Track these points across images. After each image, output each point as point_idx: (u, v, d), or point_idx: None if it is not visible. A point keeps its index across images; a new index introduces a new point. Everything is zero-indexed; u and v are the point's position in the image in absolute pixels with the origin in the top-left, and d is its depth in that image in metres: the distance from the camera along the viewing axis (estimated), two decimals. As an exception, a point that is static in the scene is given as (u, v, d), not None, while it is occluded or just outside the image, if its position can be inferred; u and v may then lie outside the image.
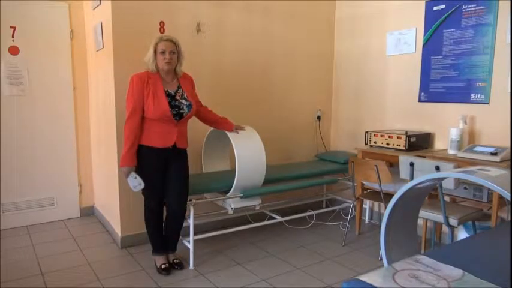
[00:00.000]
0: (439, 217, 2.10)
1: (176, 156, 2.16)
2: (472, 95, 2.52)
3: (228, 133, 2.42)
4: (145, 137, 2.08)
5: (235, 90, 2.99)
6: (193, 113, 2.20)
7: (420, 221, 2.49)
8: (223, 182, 2.48)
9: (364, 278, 0.98)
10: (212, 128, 2.59)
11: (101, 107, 2.86)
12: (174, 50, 2.08)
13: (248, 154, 2.39)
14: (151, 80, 2.05)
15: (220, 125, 2.41)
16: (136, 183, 2.07)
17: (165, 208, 2.24)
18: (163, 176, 2.15)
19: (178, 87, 2.17)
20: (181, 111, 2.12)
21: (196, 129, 2.59)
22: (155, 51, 2.06)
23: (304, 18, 3.27)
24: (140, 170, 2.09)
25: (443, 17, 2.64)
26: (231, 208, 2.44)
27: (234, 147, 2.36)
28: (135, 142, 2.03)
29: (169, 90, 2.11)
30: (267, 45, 3.09)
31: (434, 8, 2.66)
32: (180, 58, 2.13)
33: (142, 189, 2.12)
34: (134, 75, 2.08)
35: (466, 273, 1.02)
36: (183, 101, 2.14)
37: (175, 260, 2.30)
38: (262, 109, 3.15)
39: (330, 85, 3.55)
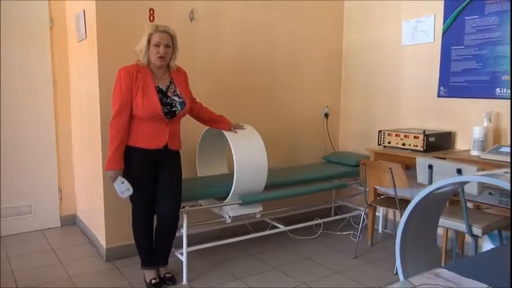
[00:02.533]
0: (461, 226, 2.10)
1: (168, 158, 2.17)
2: (497, 89, 2.53)
3: (225, 133, 2.42)
4: (134, 138, 2.08)
5: (233, 85, 3.00)
6: (186, 111, 2.21)
7: (440, 231, 2.48)
8: (220, 187, 2.48)
9: (377, 294, 0.98)
10: (208, 127, 2.59)
11: (84, 104, 2.86)
12: (170, 44, 2.08)
13: (248, 156, 2.40)
14: (140, 74, 2.05)
15: (216, 124, 2.41)
16: (123, 188, 2.08)
17: (155, 216, 2.25)
18: (154, 180, 2.16)
19: (170, 83, 2.17)
20: (174, 109, 2.13)
21: (190, 129, 2.60)
22: (148, 42, 2.06)
23: (310, 8, 3.27)
24: (128, 174, 2.09)
25: (465, 2, 2.64)
26: (229, 216, 2.45)
27: (232, 149, 2.36)
28: (122, 143, 2.04)
29: (161, 86, 2.12)
30: (269, 37, 3.11)
31: (455, -7, 2.70)
32: (174, 51, 2.13)
33: (130, 196, 2.13)
34: (121, 68, 2.09)
35: (491, 288, 1.02)
36: (176, 98, 2.14)
37: (166, 275, 2.29)
38: (263, 106, 3.16)
39: (339, 80, 3.56)
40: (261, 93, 3.14)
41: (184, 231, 2.30)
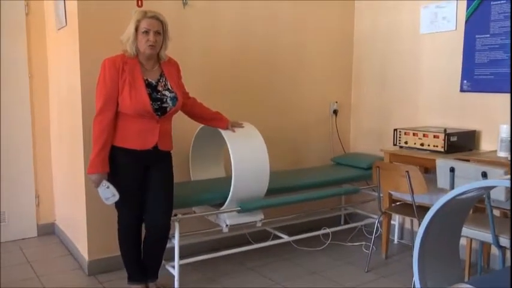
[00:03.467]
0: (486, 236, 2.10)
1: (158, 160, 2.18)
2: (527, 83, 2.52)
3: (222, 131, 2.42)
4: (120, 137, 2.09)
5: (231, 80, 3.00)
6: (178, 107, 2.21)
7: (463, 241, 2.47)
8: (216, 193, 2.49)
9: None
10: (202, 125, 2.60)
11: (64, 100, 2.86)
12: (160, 30, 2.09)
13: (247, 157, 2.41)
14: (127, 66, 2.06)
15: (212, 122, 2.41)
16: (108, 194, 2.08)
17: (143, 226, 2.26)
18: (142, 185, 2.17)
19: (161, 76, 2.18)
20: (165, 105, 2.13)
21: (182, 127, 2.61)
22: (136, 30, 2.06)
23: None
24: (113, 178, 2.10)
25: (491, -15, 2.65)
26: (226, 225, 2.46)
27: (229, 149, 2.36)
28: (107, 143, 2.05)
29: (150, 80, 2.13)
30: (271, 26, 3.11)
31: (480, -25, 2.69)
32: (165, 40, 2.14)
33: (116, 202, 2.14)
34: (106, 59, 2.09)
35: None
36: (167, 93, 2.15)
37: (156, 290, 2.31)
38: (264, 103, 3.16)
39: (349, 72, 3.55)
40: (262, 88, 3.15)
41: (176, 242, 2.31)
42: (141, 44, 2.06)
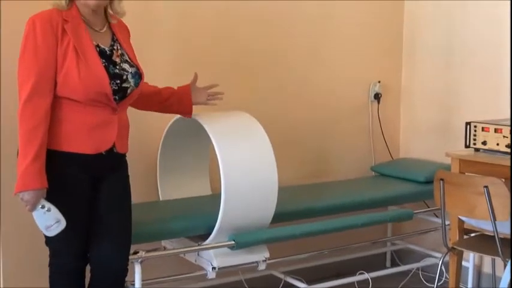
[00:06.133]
0: None
1: (113, 169, 2.18)
2: None
3: (206, 127, 2.41)
4: (60, 137, 2.07)
5: (220, 54, 3.01)
6: (140, 88, 2.22)
7: None
8: (197, 219, 2.50)
9: None
10: (176, 117, 2.60)
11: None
12: None
13: (244, 166, 2.42)
14: (69, 26, 2.03)
15: (168, 101, 2.44)
16: (51, 220, 2.03)
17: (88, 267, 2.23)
18: (88, 208, 2.16)
19: (114, 41, 2.17)
20: (125, 84, 2.12)
21: (145, 120, 2.61)
22: None
23: None
24: (52, 199, 2.05)
25: None
26: (213, 268, 2.45)
27: (217, 154, 2.35)
28: (43, 145, 2.01)
29: (102, 46, 2.11)
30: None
31: None
32: None
33: (48, 236, 2.08)
34: (35, 16, 2.04)
35: None
36: (126, 66, 2.15)
37: None
38: (270, 87, 3.16)
39: (398, 41, 3.56)
40: (266, 66, 3.14)
41: (136, 293, 2.32)
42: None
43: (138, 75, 2.16)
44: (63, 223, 2.02)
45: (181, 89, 2.46)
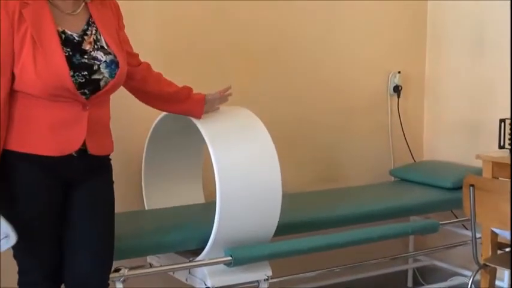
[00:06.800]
0: None
1: (88, 173, 2.13)
2: None
3: (198, 124, 2.38)
4: (19, 136, 2.04)
5: (217, 39, 3.01)
6: (120, 80, 2.16)
7: None
8: (188, 231, 2.49)
9: None
10: (164, 114, 2.58)
11: None
12: None
13: (243, 170, 2.40)
14: (28, 11, 1.98)
15: (178, 105, 2.43)
16: None
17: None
18: (60, 218, 2.11)
19: (89, 24, 2.11)
20: (96, 76, 2.06)
21: (129, 116, 2.62)
22: None
23: None
24: (7, 207, 2.01)
25: None
26: None
27: (212, 156, 2.32)
28: None
29: (69, 32, 2.05)
30: None
31: None
32: None
33: (16, 249, 2.06)
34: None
35: None
36: (99, 54, 2.09)
37: None
38: (274, 78, 3.15)
39: (422, 25, 3.56)
40: (269, 51, 3.13)
41: (118, 317, 2.30)
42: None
43: (115, 64, 2.10)
44: (12, 239, 1.99)
45: (191, 97, 2.44)
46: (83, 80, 2.00)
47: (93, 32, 2.09)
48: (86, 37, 2.06)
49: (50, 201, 2.07)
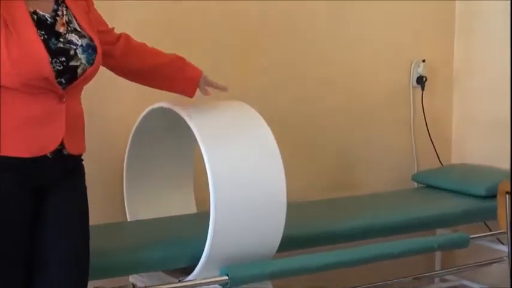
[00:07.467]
0: None
1: (64, 176, 2.11)
2: None
3: (190, 122, 2.37)
4: None
5: (215, 23, 3.05)
6: (98, 67, 2.15)
7: None
8: (177, 246, 2.49)
9: None
10: (148, 109, 2.58)
11: None
12: None
13: (241, 175, 2.39)
14: None
15: (167, 82, 2.46)
16: None
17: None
18: (29, 232, 2.07)
19: (58, 4, 2.10)
20: (74, 62, 2.05)
21: (103, 110, 2.66)
22: None
23: None
24: None
25: None
26: None
27: (204, 158, 2.30)
28: None
29: (41, 12, 2.04)
30: None
31: None
32: None
33: None
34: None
35: None
36: (74, 37, 2.07)
37: None
38: (280, 68, 3.18)
39: (450, 8, 3.59)
40: (274, 38, 3.16)
41: None
42: None
43: (92, 48, 2.08)
44: None
45: (181, 67, 2.46)
46: (61, 68, 1.99)
47: (64, 12, 2.08)
48: (58, 18, 2.06)
49: (22, 212, 2.03)
